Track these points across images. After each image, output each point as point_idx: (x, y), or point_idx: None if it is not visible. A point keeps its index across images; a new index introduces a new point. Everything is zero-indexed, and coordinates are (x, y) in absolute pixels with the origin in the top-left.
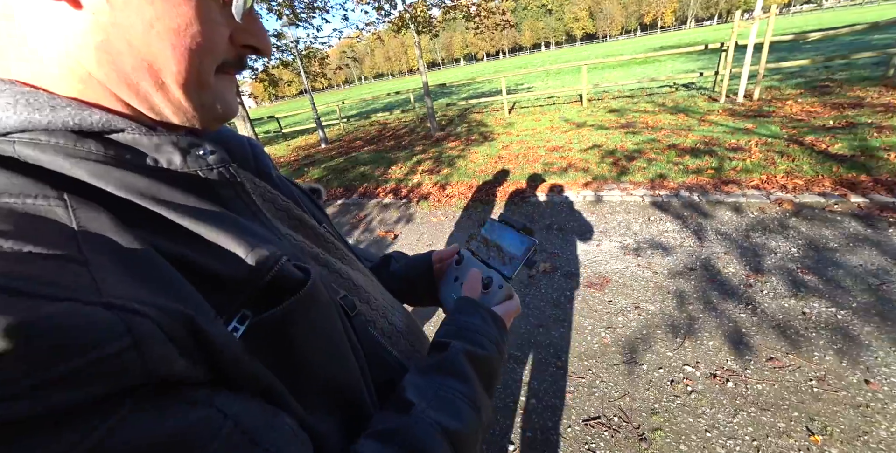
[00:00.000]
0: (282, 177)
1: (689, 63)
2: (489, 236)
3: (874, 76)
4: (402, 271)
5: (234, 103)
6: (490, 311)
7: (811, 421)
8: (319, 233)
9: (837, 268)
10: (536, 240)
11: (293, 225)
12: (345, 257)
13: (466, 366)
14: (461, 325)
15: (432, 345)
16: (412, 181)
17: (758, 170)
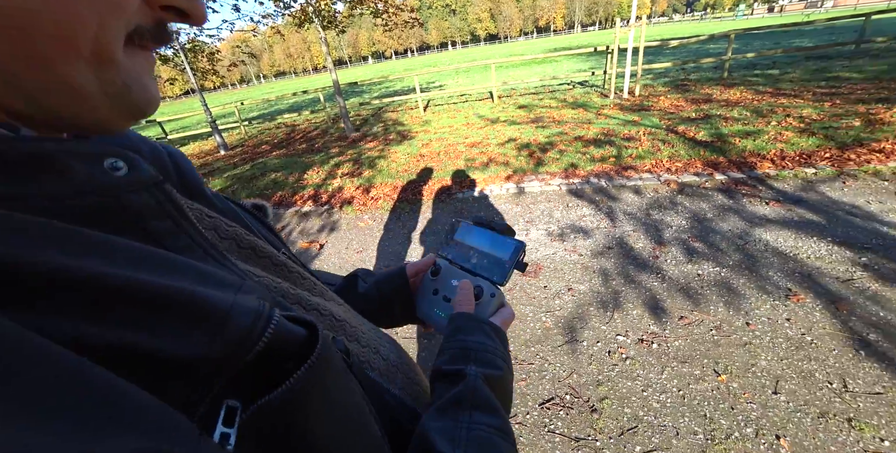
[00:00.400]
0: (217, 195)
1: (581, 63)
2: (465, 241)
3: (716, 77)
4: (374, 291)
5: (155, 90)
6: (492, 325)
7: (716, 364)
8: (280, 261)
9: (715, 233)
10: (524, 242)
11: (246, 256)
12: (314, 287)
13: (489, 394)
14: (467, 346)
15: (441, 375)
16: (332, 185)
17: (648, 157)
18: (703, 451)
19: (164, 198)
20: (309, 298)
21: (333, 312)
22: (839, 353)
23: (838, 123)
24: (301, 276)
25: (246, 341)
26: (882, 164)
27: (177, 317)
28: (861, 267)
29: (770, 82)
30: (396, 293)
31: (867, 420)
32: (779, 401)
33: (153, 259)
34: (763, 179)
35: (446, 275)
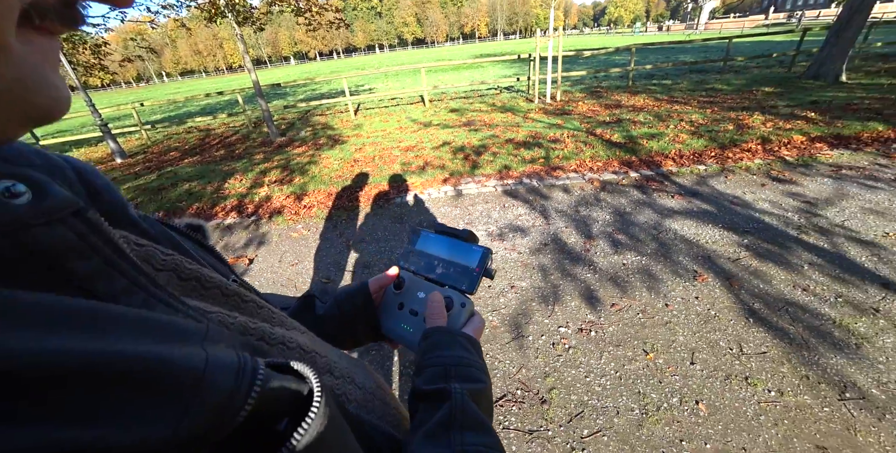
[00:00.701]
0: (147, 218)
1: (506, 69)
2: (427, 250)
3: (623, 85)
4: (334, 311)
5: (62, 87)
6: (467, 337)
7: (644, 343)
8: (231, 291)
9: (634, 226)
10: (490, 248)
11: (190, 289)
12: (272, 316)
13: (476, 411)
14: (447, 362)
15: (423, 395)
16: (259, 194)
17: (573, 157)
18: (640, 425)
19: (88, 229)
20: (271, 331)
21: (300, 343)
22: (735, 323)
23: (718, 127)
24: (257, 305)
25: (228, 409)
26: (750, 161)
27: (130, 396)
28: (744, 248)
29: (665, 91)
30: (359, 311)
31: (759, 376)
32: (695, 371)
33: (81, 317)
34: (668, 176)
35: (411, 288)
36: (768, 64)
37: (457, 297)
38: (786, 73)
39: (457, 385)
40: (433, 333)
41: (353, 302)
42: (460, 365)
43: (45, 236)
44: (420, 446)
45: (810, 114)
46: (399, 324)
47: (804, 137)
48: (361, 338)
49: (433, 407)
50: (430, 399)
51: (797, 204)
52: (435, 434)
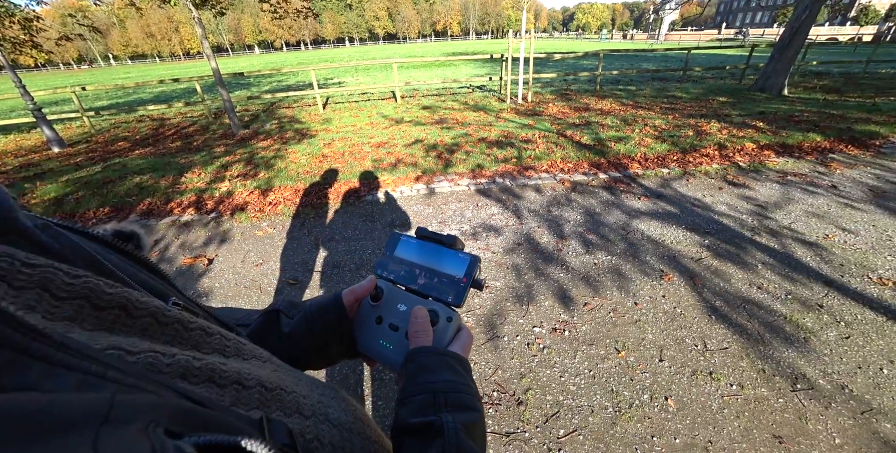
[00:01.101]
0: (49, 226)
1: (478, 68)
2: (408, 257)
3: (591, 89)
4: (303, 329)
5: None
6: (456, 357)
7: (616, 342)
8: (169, 318)
9: (603, 226)
10: (478, 256)
11: (112, 321)
12: (226, 345)
13: (472, 447)
14: (436, 388)
15: (411, 429)
16: (220, 190)
17: (544, 158)
18: (613, 423)
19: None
20: (223, 366)
21: (261, 379)
22: (699, 320)
23: (679, 133)
24: (205, 332)
25: None
26: (709, 166)
27: None
28: (705, 248)
29: (630, 96)
30: (332, 329)
31: (721, 371)
32: (664, 367)
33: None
34: (634, 178)
35: (391, 300)
36: (722, 75)
37: (442, 311)
38: (737, 85)
39: (448, 416)
40: (418, 355)
41: (325, 318)
42: (451, 392)
43: None
44: None
45: (759, 123)
46: (376, 340)
47: (754, 145)
48: (335, 357)
49: (422, 445)
50: (419, 434)
51: (750, 207)
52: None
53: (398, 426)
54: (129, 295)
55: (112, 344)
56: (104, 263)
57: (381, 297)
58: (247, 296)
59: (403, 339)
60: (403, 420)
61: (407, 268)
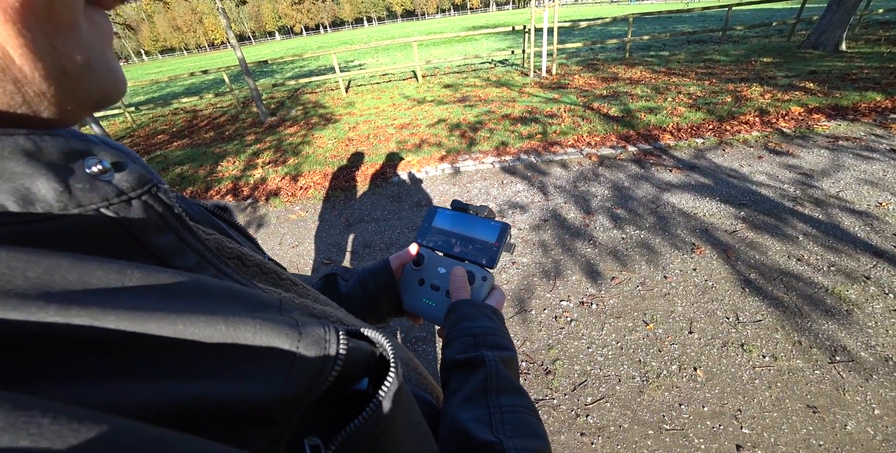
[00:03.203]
0: (184, 198)
1: (500, 42)
2: (445, 227)
3: (619, 57)
4: (358, 290)
5: (118, 67)
6: (492, 308)
7: (644, 314)
8: (269, 269)
9: (632, 200)
10: (508, 223)
11: (232, 267)
12: (307, 292)
13: (509, 376)
14: (475, 332)
15: (457, 364)
16: (254, 176)
17: (570, 132)
18: (641, 391)
19: (163, 206)
20: (314, 305)
21: (339, 318)
22: (731, 292)
23: (716, 100)
24: (292, 282)
25: (322, 371)
26: (748, 134)
27: (244, 358)
28: (741, 220)
29: (663, 63)
30: (382, 290)
31: (754, 343)
32: (693, 339)
33: (188, 291)
34: (665, 149)
35: (431, 264)
36: (767, 33)
37: (478, 272)
38: (785, 43)
39: (488, 352)
40: (459, 306)
41: (376, 280)
42: (488, 335)
43: (129, 211)
44: (459, 410)
45: (809, 84)
46: (420, 299)
47: (802, 109)
48: (384, 314)
49: (467, 374)
50: (464, 367)
51: (793, 176)
52: (473, 398)
53: (445, 363)
54: (241, 249)
55: None
56: (221, 226)
57: (422, 262)
58: None
59: (444, 297)
60: (451, 357)
61: (444, 236)
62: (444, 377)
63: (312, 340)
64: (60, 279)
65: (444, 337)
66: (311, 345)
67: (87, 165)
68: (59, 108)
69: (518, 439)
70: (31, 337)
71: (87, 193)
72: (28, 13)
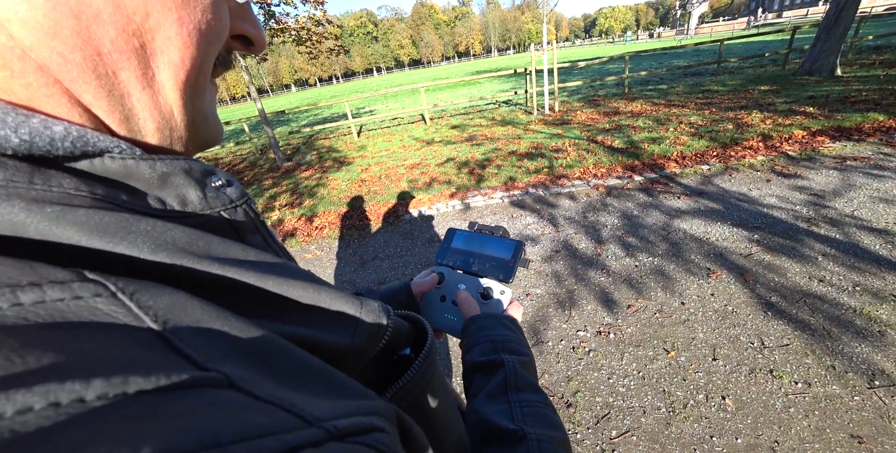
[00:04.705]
0: None
1: (503, 84)
2: (463, 247)
3: (619, 93)
4: None
5: (219, 119)
6: (510, 318)
7: (664, 342)
8: None
9: (643, 228)
10: (523, 241)
11: None
12: None
13: (527, 375)
14: (494, 339)
15: (478, 367)
16: (271, 219)
17: (576, 165)
18: (668, 423)
19: (254, 214)
20: None
21: None
22: (754, 317)
23: (717, 127)
24: None
25: (377, 334)
26: (753, 158)
27: (323, 314)
28: (755, 243)
29: (662, 95)
30: (402, 308)
31: (784, 368)
32: (718, 367)
33: (280, 267)
34: (672, 177)
35: (451, 282)
36: (761, 63)
37: (496, 286)
38: (780, 71)
39: (507, 356)
40: (477, 318)
41: (397, 300)
42: (507, 342)
43: (238, 215)
44: (483, 405)
45: (809, 108)
46: (442, 314)
47: (805, 132)
48: None
49: (488, 376)
50: (485, 369)
51: (805, 197)
52: (494, 395)
53: (467, 367)
54: None
55: None
56: None
57: (443, 280)
58: None
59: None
60: (472, 360)
61: (462, 255)
62: (467, 380)
63: (370, 310)
64: (214, 249)
65: (463, 346)
66: (369, 313)
67: (213, 181)
68: (186, 147)
69: (538, 428)
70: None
71: (214, 200)
72: (188, 84)
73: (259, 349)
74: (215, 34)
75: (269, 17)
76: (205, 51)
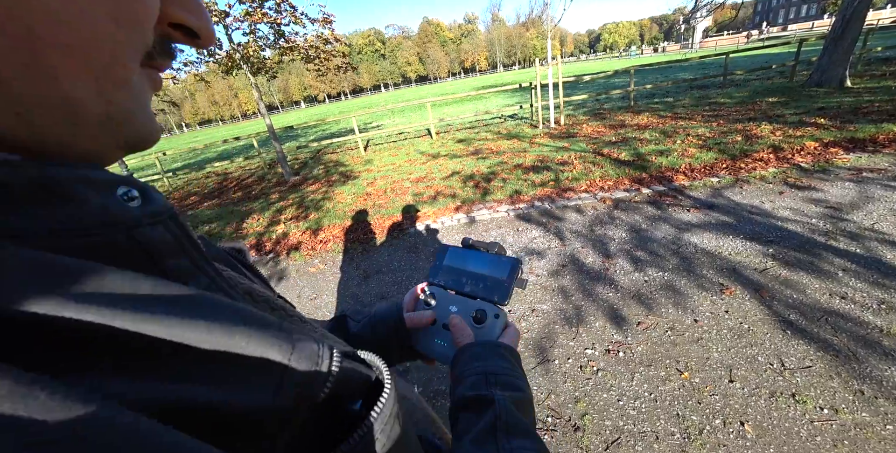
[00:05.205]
0: (203, 238)
1: (508, 98)
2: (456, 265)
3: (625, 106)
4: (368, 332)
5: (154, 119)
6: (505, 347)
7: (677, 362)
8: (278, 305)
9: (652, 241)
10: (519, 258)
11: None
12: (315, 330)
13: (520, 417)
14: (487, 371)
15: (465, 403)
16: (276, 232)
17: (583, 178)
18: (683, 450)
19: (181, 232)
20: None
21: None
22: (772, 336)
23: (726, 139)
24: (301, 319)
25: (313, 385)
26: (764, 170)
27: (237, 366)
28: (770, 257)
29: (668, 108)
30: (393, 333)
31: (807, 392)
32: (735, 389)
33: (187, 300)
34: (681, 190)
35: (443, 303)
36: (768, 75)
37: (490, 309)
38: (788, 83)
39: (499, 392)
40: (470, 347)
41: (386, 324)
42: (501, 374)
43: (152, 234)
44: (469, 451)
45: (820, 120)
46: (433, 339)
47: (817, 143)
48: (395, 358)
49: (476, 415)
50: (473, 406)
51: (821, 210)
52: (481, 440)
53: (454, 403)
54: (252, 286)
55: None
56: (236, 264)
57: (433, 302)
58: None
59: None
60: (459, 395)
61: (455, 274)
62: (453, 418)
63: (305, 355)
64: (83, 283)
65: (453, 377)
66: (303, 360)
67: (120, 192)
68: (104, 148)
69: None
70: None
71: (117, 216)
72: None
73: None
74: (130, 18)
75: (279, 36)
76: (114, 36)
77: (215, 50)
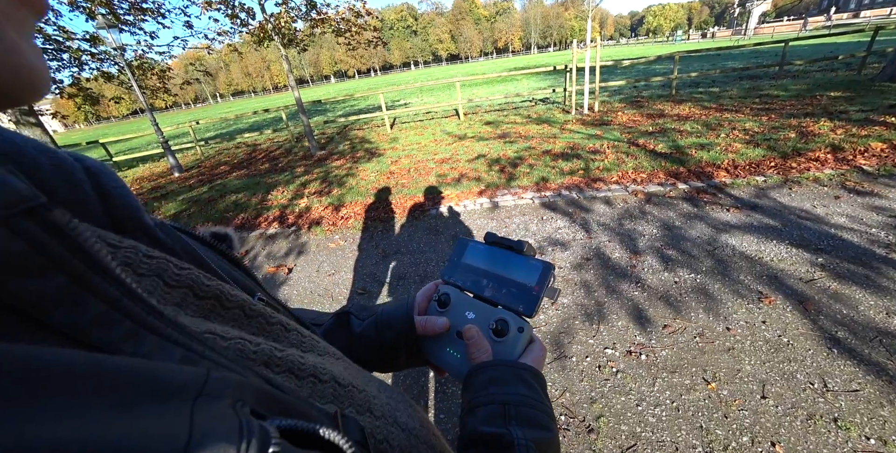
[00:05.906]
0: (164, 225)
1: (540, 81)
2: (477, 264)
3: (665, 94)
4: (373, 335)
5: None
6: (530, 370)
7: (705, 371)
8: (255, 311)
9: (685, 240)
10: (552, 263)
11: (208, 309)
12: (302, 340)
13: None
14: (507, 400)
15: (479, 440)
16: (299, 205)
17: (614, 169)
18: None
19: (47, 235)
20: (301, 359)
21: (335, 375)
22: (814, 353)
23: (777, 135)
24: (285, 328)
25: None
26: (819, 172)
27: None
28: (819, 267)
29: (713, 99)
30: (401, 339)
31: (851, 418)
32: (768, 406)
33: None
34: (721, 187)
35: (458, 306)
36: (832, 67)
37: (513, 321)
38: (855, 76)
39: (519, 431)
40: (487, 367)
41: (394, 329)
42: (522, 405)
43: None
44: None
45: (890, 118)
46: (444, 348)
47: (885, 144)
48: (402, 364)
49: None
50: (487, 446)
51: (883, 219)
52: None
53: (466, 435)
54: (222, 287)
55: (209, 330)
56: (204, 259)
57: (448, 304)
58: (320, 303)
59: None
60: (472, 428)
61: (475, 274)
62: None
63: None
64: None
65: (465, 401)
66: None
67: None
68: None
69: None
70: None
71: None
72: None
73: None
74: None
75: (310, 8)
76: None
77: (248, 20)
